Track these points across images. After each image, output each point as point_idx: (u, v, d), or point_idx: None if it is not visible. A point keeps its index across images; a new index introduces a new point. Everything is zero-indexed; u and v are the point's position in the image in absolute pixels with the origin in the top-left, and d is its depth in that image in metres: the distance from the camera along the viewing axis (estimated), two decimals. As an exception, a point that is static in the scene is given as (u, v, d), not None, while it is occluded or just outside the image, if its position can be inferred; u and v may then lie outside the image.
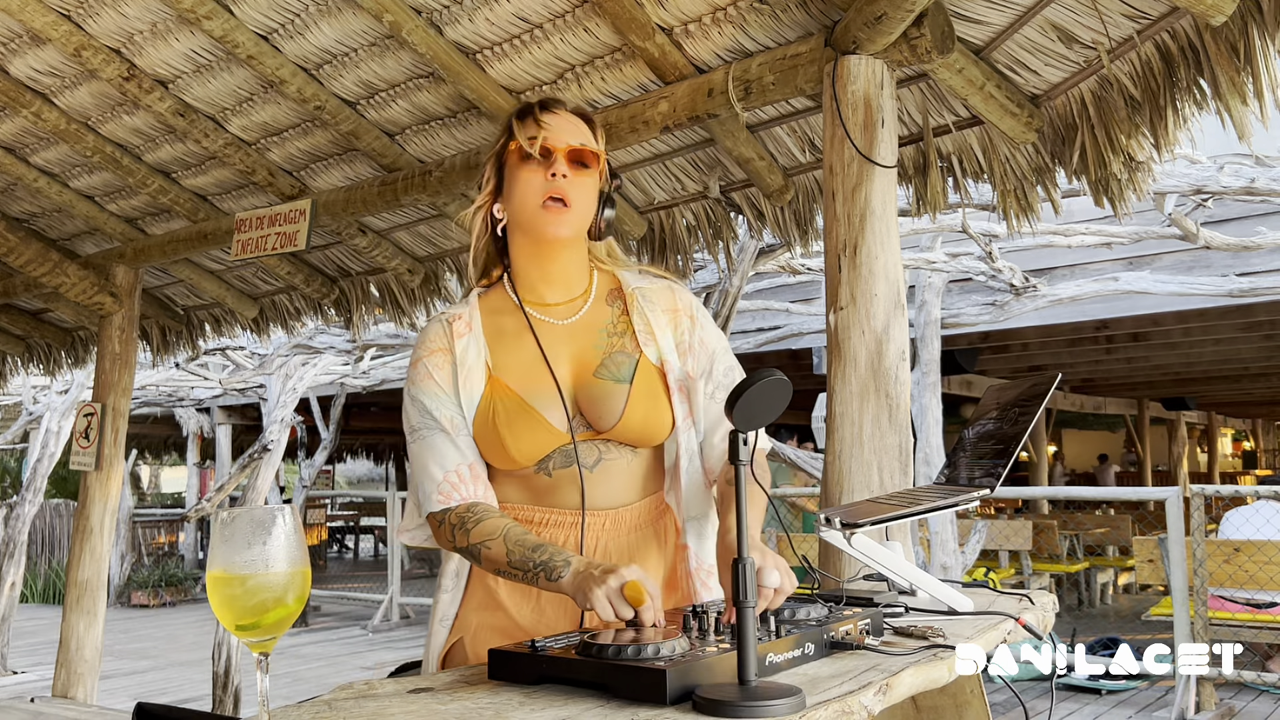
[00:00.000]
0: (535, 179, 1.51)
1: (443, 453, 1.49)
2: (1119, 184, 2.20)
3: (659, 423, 1.53)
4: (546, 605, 1.51)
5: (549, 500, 1.51)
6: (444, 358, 1.53)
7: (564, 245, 1.55)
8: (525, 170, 1.51)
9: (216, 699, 5.63)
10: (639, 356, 1.54)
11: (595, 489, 1.51)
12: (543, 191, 1.50)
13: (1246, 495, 6.79)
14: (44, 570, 12.72)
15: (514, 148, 1.53)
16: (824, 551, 2.00)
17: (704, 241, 2.98)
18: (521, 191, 1.51)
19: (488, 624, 1.53)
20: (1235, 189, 5.36)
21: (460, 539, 1.44)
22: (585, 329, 1.57)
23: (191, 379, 10.11)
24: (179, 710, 0.96)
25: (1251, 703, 5.85)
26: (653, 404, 1.52)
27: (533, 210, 1.51)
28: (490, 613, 1.53)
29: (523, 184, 1.51)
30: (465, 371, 1.51)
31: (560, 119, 1.54)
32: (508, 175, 1.54)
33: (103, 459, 3.93)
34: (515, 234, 1.57)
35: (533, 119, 1.54)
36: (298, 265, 3.82)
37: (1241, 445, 23.84)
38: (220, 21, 2.56)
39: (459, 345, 1.53)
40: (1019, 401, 1.52)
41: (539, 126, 1.52)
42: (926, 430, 6.00)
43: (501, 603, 1.52)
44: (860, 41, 2.00)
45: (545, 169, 1.51)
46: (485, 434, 1.49)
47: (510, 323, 1.56)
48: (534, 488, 1.52)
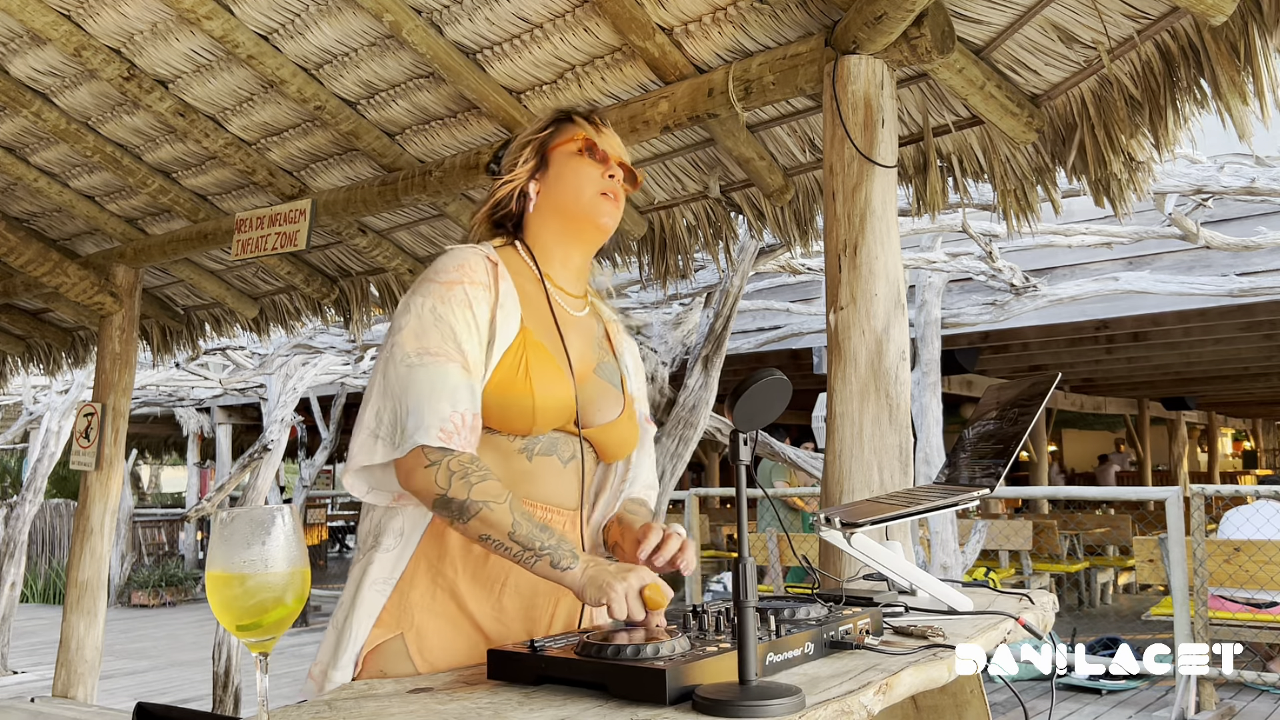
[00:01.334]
0: (594, 172, 1.55)
1: (457, 389, 1.34)
2: (1119, 184, 2.21)
3: (632, 440, 1.57)
4: (508, 604, 1.44)
5: (526, 491, 1.44)
6: (486, 293, 1.42)
7: (600, 239, 1.58)
8: (583, 163, 1.55)
9: (216, 699, 5.63)
10: (621, 375, 1.60)
11: (561, 484, 1.49)
12: (600, 185, 1.54)
13: (1246, 495, 6.79)
14: (44, 570, 12.72)
15: (578, 140, 1.56)
16: (824, 551, 2.00)
17: (704, 241, 2.98)
18: (578, 180, 1.54)
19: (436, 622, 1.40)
20: (1235, 189, 5.36)
21: (458, 489, 1.29)
22: (586, 328, 1.59)
23: (191, 379, 10.11)
24: (179, 710, 0.96)
25: (1251, 703, 5.84)
26: (632, 421, 1.58)
27: (590, 198, 1.54)
28: (440, 605, 1.41)
29: (582, 174, 1.54)
30: (504, 315, 1.42)
31: (611, 134, 1.61)
32: (558, 162, 1.56)
33: (103, 459, 3.93)
34: (550, 216, 1.56)
35: (593, 124, 1.59)
36: (298, 265, 3.82)
37: (1241, 445, 23.84)
38: (220, 21, 2.56)
39: (503, 286, 1.45)
40: (1019, 401, 1.52)
41: (599, 132, 1.58)
42: (926, 430, 6.00)
43: (460, 594, 1.41)
44: (860, 41, 2.00)
45: (602, 167, 1.55)
46: (511, 382, 1.39)
47: (532, 289, 1.52)
48: (511, 471, 1.43)
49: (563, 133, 1.57)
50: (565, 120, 1.59)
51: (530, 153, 1.58)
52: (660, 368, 4.88)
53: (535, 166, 1.57)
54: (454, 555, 1.42)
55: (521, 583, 1.45)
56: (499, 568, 1.43)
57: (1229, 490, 7.99)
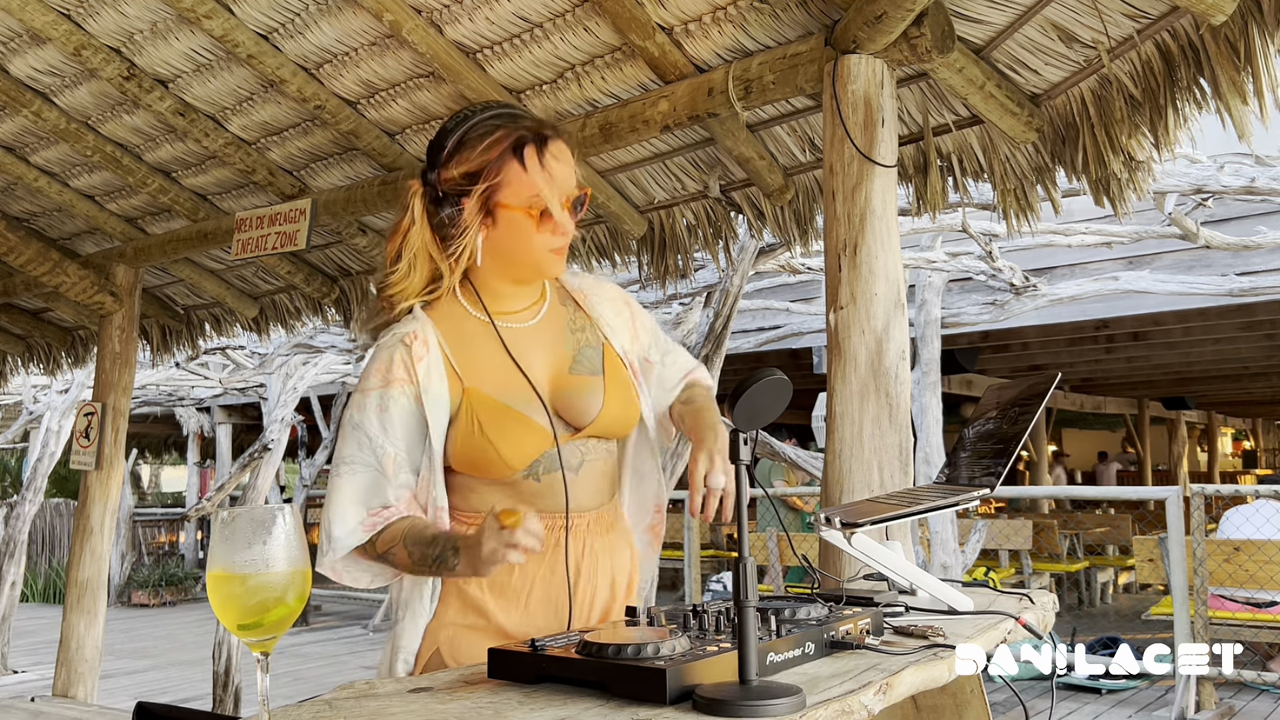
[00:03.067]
0: (542, 235, 1.49)
1: (370, 490, 1.45)
2: (1119, 183, 2.20)
3: (632, 410, 1.58)
4: (535, 609, 1.49)
5: (536, 505, 1.48)
6: (402, 389, 1.46)
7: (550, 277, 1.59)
8: (531, 224, 1.48)
9: (216, 699, 5.64)
10: (603, 347, 1.59)
11: (581, 490, 1.52)
12: (551, 244, 1.50)
13: (1246, 495, 6.79)
14: (44, 570, 12.72)
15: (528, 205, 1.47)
16: (824, 551, 2.00)
17: (704, 241, 2.98)
18: (526, 243, 1.49)
19: (468, 634, 1.48)
20: (1235, 188, 5.36)
21: (369, 551, 1.45)
22: (550, 328, 1.58)
23: (192, 378, 10.10)
24: (179, 710, 0.96)
25: (1251, 702, 5.84)
26: (625, 392, 1.57)
27: (540, 256, 1.50)
28: (471, 620, 1.49)
29: (532, 239, 1.49)
30: (430, 399, 1.45)
31: (561, 164, 1.50)
32: (506, 221, 1.48)
33: (103, 458, 3.93)
34: (497, 263, 1.52)
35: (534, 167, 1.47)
36: (298, 265, 3.82)
37: (1241, 445, 23.84)
38: (220, 21, 2.56)
39: (420, 370, 1.46)
40: (1019, 401, 1.52)
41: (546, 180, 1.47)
42: (926, 430, 6.00)
43: (488, 609, 1.48)
44: (860, 41, 2.00)
45: (551, 220, 1.49)
46: (471, 445, 1.45)
47: (473, 330, 1.52)
48: (521, 494, 1.49)
49: (515, 186, 1.46)
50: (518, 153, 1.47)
51: (479, 203, 1.48)
52: (660, 367, 4.87)
53: (484, 217, 1.49)
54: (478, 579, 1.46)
55: (550, 592, 1.49)
56: (523, 580, 1.49)
57: (1229, 490, 7.99)
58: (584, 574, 1.52)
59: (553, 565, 1.50)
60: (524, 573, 1.48)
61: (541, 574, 1.49)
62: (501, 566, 1.40)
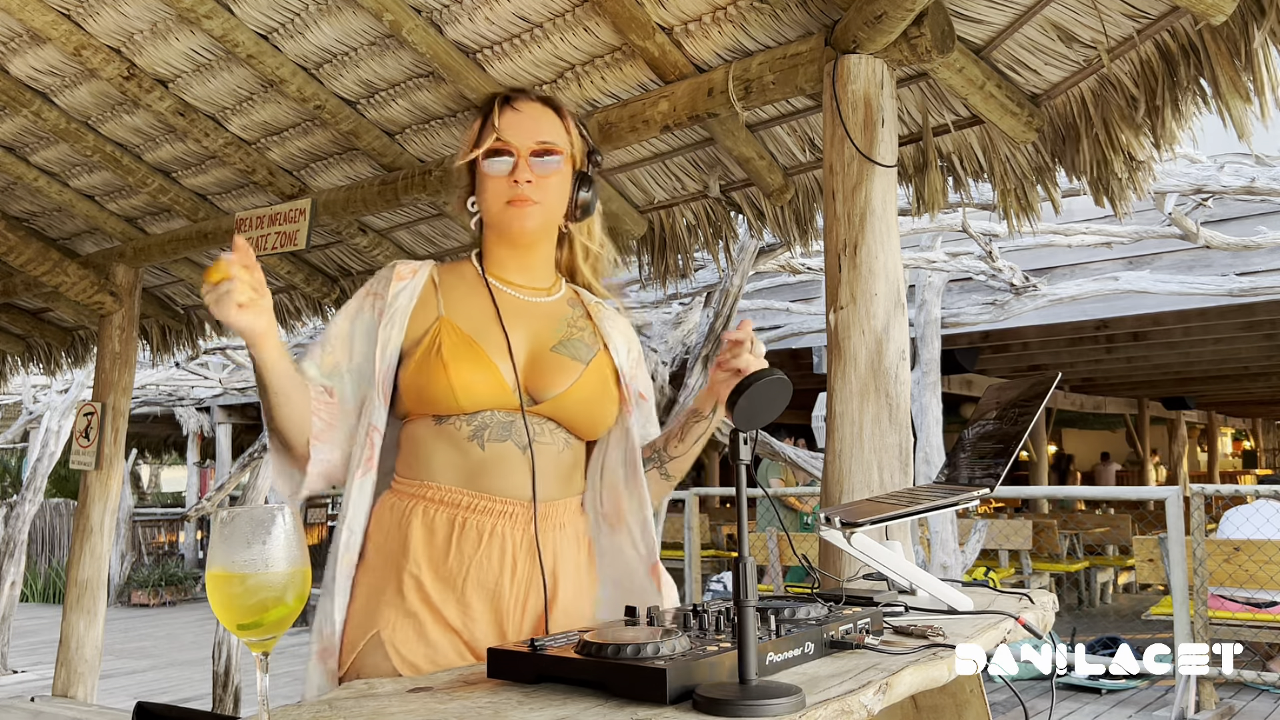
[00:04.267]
0: (497, 183, 1.55)
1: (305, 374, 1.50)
2: (1119, 183, 2.20)
3: (605, 410, 1.57)
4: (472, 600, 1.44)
5: (483, 484, 1.46)
6: (372, 304, 1.55)
7: (532, 236, 1.58)
8: (490, 171, 1.55)
9: (216, 699, 5.63)
10: (599, 352, 1.59)
11: (517, 475, 1.48)
12: (506, 195, 1.54)
13: (1246, 495, 6.79)
14: (44, 570, 12.72)
15: (478, 154, 1.56)
16: (824, 551, 2.00)
17: (704, 241, 2.98)
18: (488, 194, 1.56)
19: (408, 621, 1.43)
20: (1235, 188, 5.36)
21: None
22: (546, 313, 1.60)
23: (191, 378, 10.11)
24: (179, 710, 0.96)
25: (1251, 702, 5.85)
26: (603, 390, 1.56)
27: (499, 210, 1.55)
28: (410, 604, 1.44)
29: (489, 187, 1.56)
30: (390, 315, 1.52)
31: (523, 114, 1.56)
32: (479, 178, 1.58)
33: (103, 458, 3.93)
34: (487, 226, 1.61)
35: (493, 119, 1.57)
36: (298, 264, 3.82)
37: (1241, 445, 23.84)
38: (220, 21, 2.56)
39: (393, 289, 1.54)
40: (1019, 401, 1.52)
41: (494, 128, 1.56)
42: (926, 430, 6.00)
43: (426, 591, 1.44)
44: (860, 41, 2.00)
45: (506, 172, 1.54)
46: (424, 369, 1.47)
47: (474, 285, 1.59)
48: (467, 462, 1.46)
49: (479, 142, 1.57)
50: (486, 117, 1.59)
51: (465, 170, 1.62)
52: (660, 368, 4.88)
53: (470, 184, 1.62)
54: (416, 552, 1.45)
55: (484, 578, 1.45)
56: (458, 563, 1.44)
57: (1229, 490, 8.00)
58: (519, 567, 1.46)
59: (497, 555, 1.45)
60: (460, 555, 1.44)
61: (480, 561, 1.45)
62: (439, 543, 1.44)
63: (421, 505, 1.47)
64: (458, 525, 1.45)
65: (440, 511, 1.46)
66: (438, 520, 1.46)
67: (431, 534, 1.45)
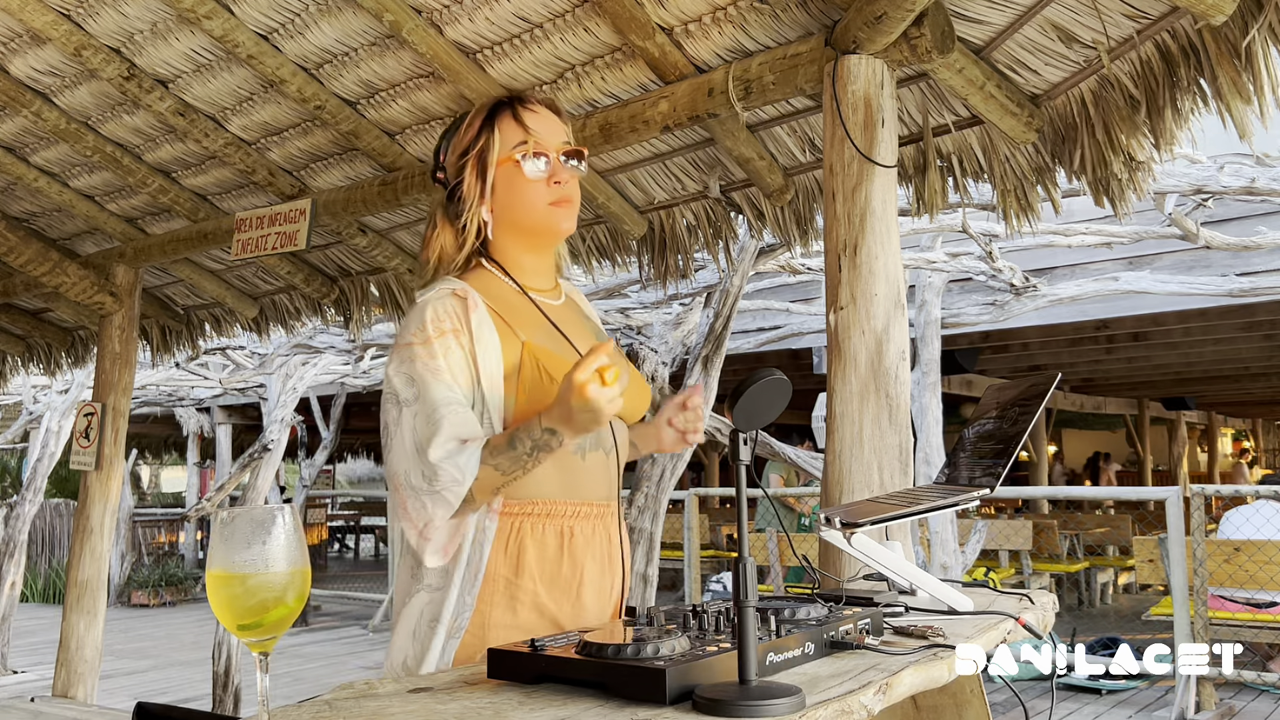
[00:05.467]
0: (536, 186, 1.54)
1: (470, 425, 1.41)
2: (1119, 184, 2.20)
3: (646, 397, 1.64)
4: (586, 598, 1.50)
5: (579, 492, 1.51)
6: (456, 339, 1.45)
7: (563, 238, 1.62)
8: (525, 175, 1.54)
9: (216, 699, 5.63)
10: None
11: (605, 478, 1.56)
12: (550, 196, 1.55)
13: (1246, 495, 6.79)
14: (44, 570, 12.71)
15: (517, 151, 1.54)
16: (824, 551, 2.00)
17: (704, 241, 2.98)
18: (526, 198, 1.54)
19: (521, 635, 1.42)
20: (1235, 189, 5.36)
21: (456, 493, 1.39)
22: (573, 310, 1.65)
23: (191, 379, 10.10)
24: (179, 710, 0.96)
25: (1251, 703, 5.84)
26: (637, 378, 1.62)
27: (542, 213, 1.55)
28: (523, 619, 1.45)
29: (529, 191, 1.54)
30: (483, 347, 1.45)
31: (541, 117, 1.58)
32: (503, 181, 1.55)
33: (103, 459, 3.93)
34: (510, 232, 1.57)
35: (516, 122, 1.56)
36: (298, 265, 3.82)
37: (1241, 445, 23.83)
38: (220, 21, 2.56)
39: (474, 320, 1.46)
40: (1019, 401, 1.52)
41: (526, 131, 1.55)
42: (926, 430, 6.00)
43: (543, 604, 1.47)
44: (860, 41, 2.00)
45: (546, 173, 1.55)
46: (541, 394, 1.44)
47: (512, 297, 1.55)
48: (567, 474, 1.50)
49: (499, 140, 1.54)
50: (494, 119, 1.56)
51: (474, 172, 1.55)
52: (660, 368, 4.88)
53: (482, 188, 1.55)
54: (531, 569, 1.47)
55: (593, 576, 1.52)
56: (571, 570, 1.49)
57: (1229, 490, 8.00)
58: (612, 560, 1.56)
59: (598, 554, 1.53)
60: (573, 561, 1.49)
61: (589, 563, 1.51)
62: (551, 554, 1.46)
63: (529, 523, 1.48)
64: (566, 535, 1.50)
65: (548, 525, 1.49)
66: (548, 534, 1.49)
67: (543, 548, 1.48)
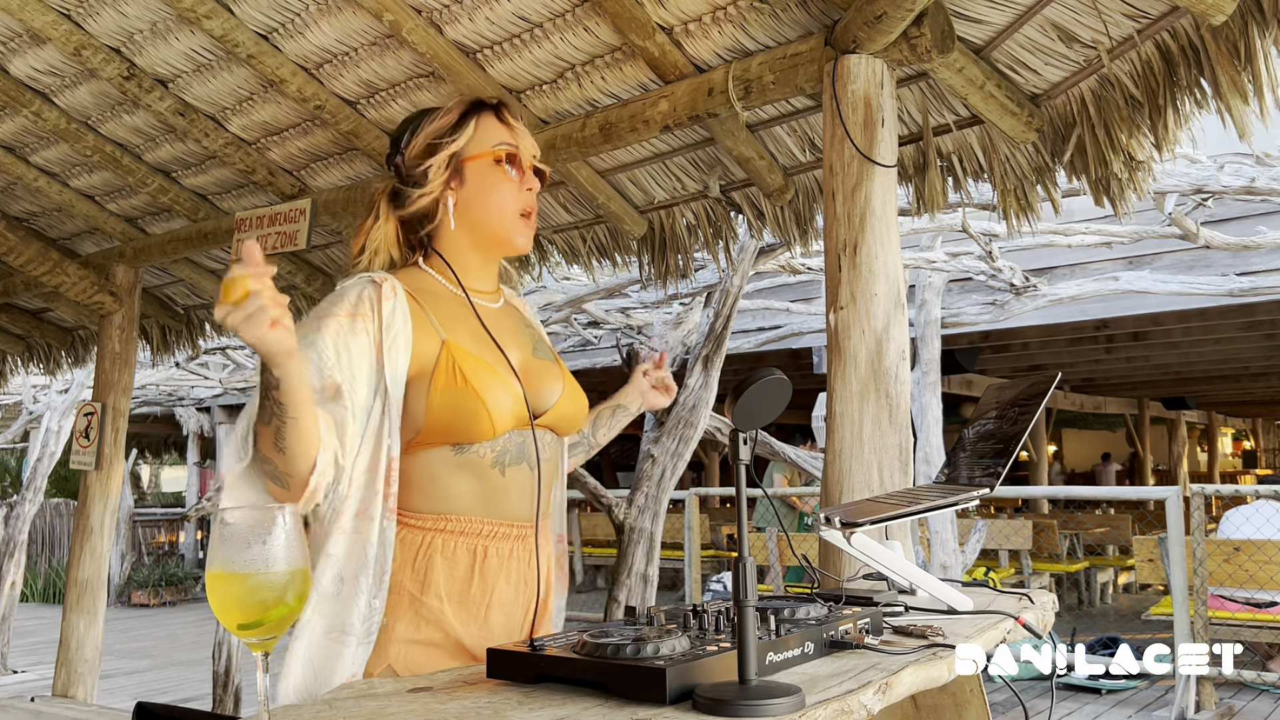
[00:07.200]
0: (513, 188, 1.51)
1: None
2: (1119, 183, 2.20)
3: (582, 407, 1.60)
4: (493, 621, 1.44)
5: (497, 510, 1.44)
6: (365, 326, 1.38)
7: (514, 254, 1.58)
8: (500, 176, 1.50)
9: (216, 699, 5.63)
10: (550, 349, 1.63)
11: (528, 496, 1.47)
12: (520, 203, 1.51)
13: (1246, 495, 6.79)
14: (44, 570, 12.72)
15: (496, 150, 1.51)
16: (824, 551, 2.00)
17: (704, 241, 2.98)
18: (498, 198, 1.50)
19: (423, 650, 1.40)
20: (1235, 188, 5.36)
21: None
22: (511, 316, 1.60)
23: (191, 378, 10.10)
24: (179, 710, 0.96)
25: (1251, 702, 5.84)
26: (575, 387, 1.58)
27: (510, 219, 1.51)
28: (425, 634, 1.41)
29: (501, 191, 1.50)
30: (390, 337, 1.38)
31: (517, 130, 1.55)
32: (475, 175, 1.50)
33: (103, 458, 3.93)
34: (466, 230, 1.52)
35: (501, 122, 1.53)
36: (298, 264, 3.82)
37: (1241, 445, 23.84)
38: (220, 21, 2.56)
39: (385, 310, 1.39)
40: (1019, 401, 1.52)
41: (512, 132, 1.53)
42: (926, 430, 6.00)
43: (448, 622, 1.41)
44: (860, 41, 2.00)
45: (519, 179, 1.51)
46: (456, 397, 1.38)
47: (445, 295, 1.49)
48: (485, 490, 1.43)
49: (478, 138, 1.50)
50: (476, 115, 1.52)
51: (443, 162, 1.50)
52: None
53: (450, 177, 1.50)
54: (438, 587, 1.41)
55: (503, 599, 1.45)
56: (480, 591, 1.43)
57: (1229, 490, 8.00)
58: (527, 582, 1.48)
59: (513, 576, 1.46)
60: (484, 582, 1.43)
61: (500, 585, 1.45)
62: (461, 574, 1.40)
63: (441, 539, 1.42)
64: (479, 554, 1.43)
65: (460, 542, 1.43)
66: (459, 552, 1.43)
67: (453, 567, 1.42)
